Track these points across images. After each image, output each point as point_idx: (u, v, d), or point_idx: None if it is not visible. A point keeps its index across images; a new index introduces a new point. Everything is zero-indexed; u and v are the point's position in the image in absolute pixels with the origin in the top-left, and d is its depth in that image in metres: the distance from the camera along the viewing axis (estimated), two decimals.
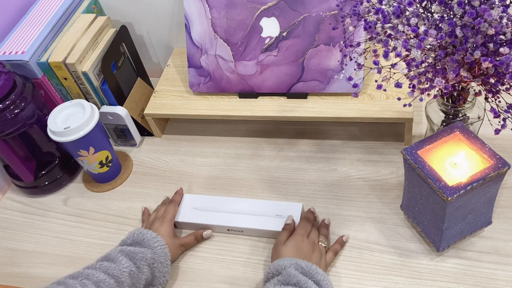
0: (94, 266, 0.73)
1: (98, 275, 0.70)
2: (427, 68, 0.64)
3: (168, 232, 0.82)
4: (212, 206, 0.87)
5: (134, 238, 0.79)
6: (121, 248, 0.76)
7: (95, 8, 1.05)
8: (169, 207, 0.86)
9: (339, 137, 0.97)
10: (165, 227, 0.82)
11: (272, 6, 0.92)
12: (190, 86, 1.01)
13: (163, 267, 0.77)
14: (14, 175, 0.99)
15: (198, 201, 0.88)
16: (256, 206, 0.85)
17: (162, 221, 0.83)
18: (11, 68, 0.92)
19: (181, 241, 0.83)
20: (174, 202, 0.87)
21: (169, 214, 0.85)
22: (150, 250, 0.77)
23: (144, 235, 0.78)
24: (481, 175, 0.65)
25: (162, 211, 0.86)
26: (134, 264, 0.74)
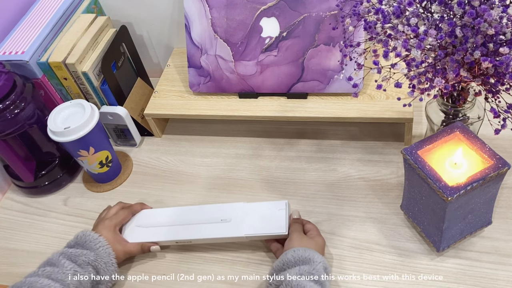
0: (36, 273, 0.72)
1: (42, 281, 0.70)
2: (427, 68, 0.64)
3: (112, 236, 0.80)
4: (156, 221, 0.85)
5: (77, 240, 0.78)
6: (62, 251, 0.76)
7: (95, 8, 1.05)
8: (121, 212, 0.84)
9: (339, 137, 0.97)
10: (109, 231, 0.80)
11: (272, 6, 0.92)
12: (190, 86, 1.01)
13: (108, 266, 0.77)
14: (14, 175, 0.99)
15: (141, 218, 0.86)
16: (202, 214, 0.83)
17: (108, 224, 0.81)
18: (11, 68, 0.92)
19: (125, 248, 0.81)
20: (129, 209, 0.85)
21: (118, 218, 0.83)
22: (92, 252, 0.76)
23: (87, 237, 0.78)
24: (481, 175, 0.65)
25: (112, 213, 0.84)
26: (78, 266, 0.74)
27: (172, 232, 0.82)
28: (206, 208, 0.84)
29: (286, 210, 0.79)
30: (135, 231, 0.84)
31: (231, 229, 0.80)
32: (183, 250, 0.84)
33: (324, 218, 0.84)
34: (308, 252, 0.70)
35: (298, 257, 0.70)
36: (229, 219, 0.80)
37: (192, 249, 0.84)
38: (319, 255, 0.71)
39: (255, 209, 0.81)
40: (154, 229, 0.84)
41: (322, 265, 0.70)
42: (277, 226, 0.78)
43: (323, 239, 0.77)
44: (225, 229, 0.80)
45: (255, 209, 0.81)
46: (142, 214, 0.86)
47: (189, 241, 0.82)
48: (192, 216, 0.83)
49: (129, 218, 0.85)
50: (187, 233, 0.82)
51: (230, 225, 0.80)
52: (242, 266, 0.80)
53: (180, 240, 0.82)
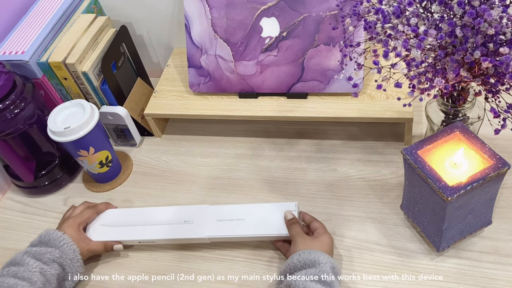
0: (1, 273, 0.73)
1: (8, 281, 0.70)
2: (427, 68, 0.64)
3: (76, 234, 0.81)
4: (120, 220, 0.86)
5: (41, 239, 0.79)
6: (26, 250, 0.77)
7: (95, 8, 1.05)
8: (85, 211, 0.85)
9: (339, 137, 0.97)
10: (73, 229, 0.81)
11: (272, 6, 0.92)
12: (190, 86, 1.01)
13: (74, 262, 0.78)
14: (14, 175, 0.99)
15: (106, 217, 0.87)
16: (163, 215, 0.85)
17: (72, 222, 0.82)
18: (11, 68, 0.92)
19: (89, 246, 0.82)
20: (94, 208, 0.86)
21: (82, 217, 0.84)
22: (57, 249, 0.77)
23: (50, 235, 0.78)
24: (481, 175, 0.65)
25: (78, 212, 0.85)
26: (43, 263, 0.74)
27: (135, 232, 0.84)
28: (172, 209, 0.85)
29: (297, 211, 0.80)
30: (99, 230, 0.85)
31: (192, 230, 0.81)
32: (183, 250, 0.84)
33: (324, 218, 0.84)
34: (314, 254, 0.69)
35: (303, 260, 0.69)
36: (192, 221, 0.82)
37: (192, 249, 0.84)
38: (325, 255, 0.70)
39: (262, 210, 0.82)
40: (118, 229, 0.85)
41: (329, 265, 0.68)
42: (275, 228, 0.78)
43: (329, 237, 0.75)
44: (187, 230, 0.81)
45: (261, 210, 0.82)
46: (107, 213, 0.88)
47: (152, 241, 0.83)
48: (155, 217, 0.85)
49: (93, 217, 0.86)
50: (150, 233, 0.83)
51: (193, 226, 0.82)
52: (242, 266, 0.80)
53: (142, 240, 0.83)
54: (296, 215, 0.79)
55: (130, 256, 0.86)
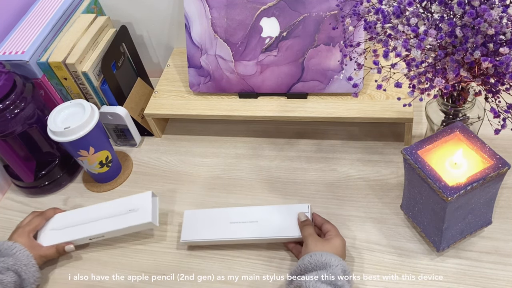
0: None
1: None
2: (427, 68, 0.64)
3: (27, 242, 0.81)
4: (69, 222, 0.87)
5: None
6: None
7: (95, 8, 1.05)
8: (34, 219, 0.86)
9: (339, 137, 0.97)
10: (23, 238, 0.82)
11: (272, 6, 0.92)
12: (190, 86, 1.01)
13: (29, 268, 0.78)
14: (14, 175, 0.99)
15: (55, 222, 0.88)
16: (110, 208, 0.86)
17: (22, 231, 0.83)
18: (11, 68, 0.92)
19: (41, 252, 0.82)
20: (43, 215, 0.87)
21: (31, 225, 0.84)
22: (10, 257, 0.77)
23: (1, 246, 0.79)
24: (481, 175, 0.65)
25: (26, 221, 0.86)
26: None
27: (84, 230, 0.85)
28: (113, 202, 0.87)
29: (309, 213, 0.80)
30: (49, 235, 0.86)
31: (136, 218, 0.83)
32: (183, 250, 0.84)
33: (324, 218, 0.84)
34: (325, 256, 0.69)
35: (314, 262, 0.69)
36: (136, 209, 0.83)
37: (192, 249, 0.84)
38: (337, 257, 0.69)
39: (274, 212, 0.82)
40: (68, 230, 0.86)
41: (340, 268, 0.68)
42: None
43: (341, 239, 0.75)
44: (134, 218, 0.83)
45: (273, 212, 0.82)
46: (56, 218, 0.88)
47: (101, 235, 0.84)
48: (102, 211, 0.86)
49: (42, 223, 0.87)
50: (98, 228, 0.84)
51: (137, 214, 0.83)
52: (242, 266, 0.80)
53: (92, 235, 0.84)
54: (309, 216, 0.79)
55: (130, 256, 0.86)
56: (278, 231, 0.79)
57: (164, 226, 0.89)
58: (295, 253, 0.78)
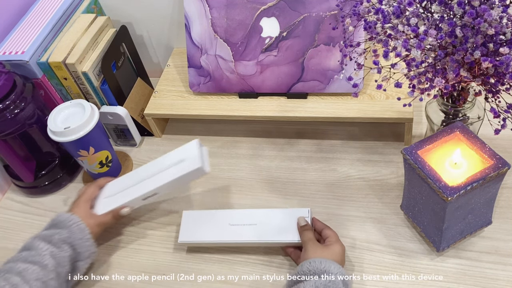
0: (13, 258, 0.74)
1: (19, 266, 0.71)
2: (427, 68, 0.64)
3: (83, 212, 0.81)
4: (120, 186, 0.87)
5: (52, 222, 0.80)
6: (36, 235, 0.77)
7: (95, 8, 1.05)
8: (87, 188, 0.86)
9: (339, 137, 0.97)
10: (80, 208, 0.82)
11: (272, 6, 0.92)
12: (190, 86, 1.01)
13: (84, 241, 0.78)
14: (14, 175, 0.99)
15: (107, 190, 0.88)
16: (158, 165, 0.84)
17: (78, 202, 0.83)
18: (11, 68, 0.92)
19: (97, 221, 0.82)
20: (95, 183, 0.87)
21: (86, 195, 0.84)
22: (65, 230, 0.77)
23: (59, 217, 0.79)
24: (481, 175, 0.65)
25: (80, 193, 0.86)
26: (53, 246, 0.75)
27: (136, 190, 0.83)
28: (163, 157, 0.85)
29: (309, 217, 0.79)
30: (103, 203, 0.85)
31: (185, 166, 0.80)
32: (183, 250, 0.84)
33: (324, 218, 0.84)
34: (324, 263, 0.68)
35: (313, 269, 0.68)
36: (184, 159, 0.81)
37: (192, 249, 0.84)
38: (336, 264, 0.68)
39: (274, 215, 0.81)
40: (120, 195, 0.85)
41: (340, 275, 0.67)
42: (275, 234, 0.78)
43: (341, 246, 0.74)
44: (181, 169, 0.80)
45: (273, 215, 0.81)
46: (107, 186, 0.88)
47: (153, 192, 0.82)
48: (151, 170, 0.84)
49: (96, 192, 0.86)
50: (148, 186, 0.82)
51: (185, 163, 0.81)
52: (242, 266, 0.80)
53: (144, 194, 0.82)
54: (309, 221, 0.78)
55: (130, 256, 0.86)
56: (277, 235, 0.78)
57: (164, 226, 0.89)
58: (294, 258, 0.78)
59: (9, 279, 0.68)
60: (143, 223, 0.90)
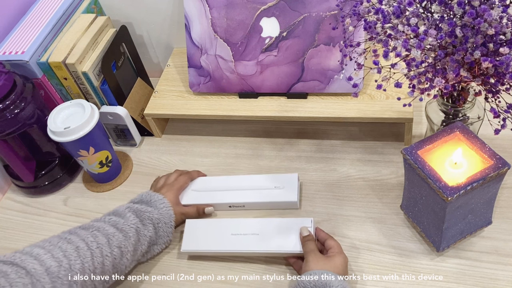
0: (103, 219, 0.77)
1: (108, 228, 0.74)
2: (427, 68, 0.64)
3: (174, 198, 0.84)
4: (211, 186, 0.89)
5: (142, 198, 0.82)
6: (128, 205, 0.80)
7: (95, 8, 1.05)
8: (181, 177, 0.88)
9: (339, 137, 0.97)
10: (172, 194, 0.85)
11: (272, 6, 0.92)
12: (190, 86, 1.01)
13: (168, 227, 0.81)
14: (14, 175, 0.99)
15: (196, 183, 0.91)
16: (253, 181, 0.88)
17: (171, 187, 0.86)
18: (11, 68, 0.92)
19: (183, 210, 0.85)
20: (189, 175, 0.90)
21: (179, 183, 0.87)
22: (156, 210, 0.80)
23: (152, 197, 0.82)
24: (481, 175, 0.65)
25: (173, 179, 0.88)
26: (140, 222, 0.77)
27: (226, 196, 0.87)
28: (258, 176, 0.89)
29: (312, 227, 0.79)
30: (191, 195, 0.88)
31: (282, 195, 0.85)
32: None
33: (324, 218, 0.84)
34: (325, 275, 0.67)
35: (314, 281, 0.67)
36: (282, 187, 0.85)
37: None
38: (337, 277, 0.67)
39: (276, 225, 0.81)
40: (210, 193, 0.88)
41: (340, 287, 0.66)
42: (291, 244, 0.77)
43: (343, 257, 0.72)
44: (279, 195, 0.85)
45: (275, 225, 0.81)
46: (198, 180, 0.91)
47: (242, 204, 0.86)
48: (245, 183, 0.88)
49: (188, 183, 0.89)
50: (242, 197, 0.86)
51: (283, 191, 0.85)
52: (242, 266, 0.80)
53: (233, 203, 0.87)
54: (312, 231, 0.78)
55: None
56: (279, 245, 0.77)
57: None
58: (296, 268, 0.77)
59: (97, 237, 0.72)
60: None
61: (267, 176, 0.88)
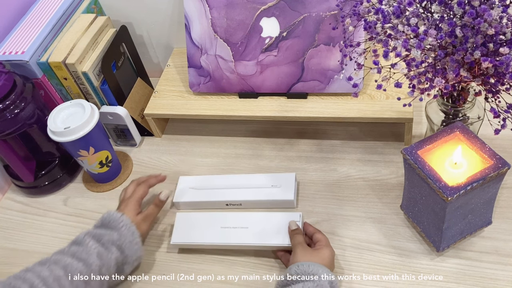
0: (63, 251, 0.75)
1: (65, 260, 0.72)
2: (427, 68, 0.64)
3: (133, 211, 0.81)
4: (208, 184, 0.89)
5: (102, 220, 0.80)
6: (88, 231, 0.78)
7: (95, 8, 1.05)
8: (139, 187, 0.85)
9: (339, 137, 0.97)
10: (130, 206, 0.82)
11: (272, 6, 0.92)
12: (190, 86, 1.01)
13: (133, 244, 0.78)
14: (14, 175, 0.99)
15: (194, 182, 0.91)
16: (251, 180, 0.89)
17: (129, 201, 0.83)
18: (11, 68, 0.92)
19: (143, 214, 0.82)
20: (146, 183, 0.87)
21: (137, 193, 0.84)
22: (116, 231, 0.77)
23: (111, 217, 0.79)
24: (481, 175, 0.65)
25: (130, 192, 0.85)
26: (101, 246, 0.75)
27: (225, 194, 0.87)
28: (256, 175, 0.90)
29: (301, 221, 0.80)
30: (188, 193, 0.89)
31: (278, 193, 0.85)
32: (184, 250, 0.84)
33: (324, 218, 0.84)
34: (312, 267, 0.68)
35: (301, 272, 0.68)
36: (279, 186, 0.86)
37: (192, 249, 0.84)
38: (325, 269, 0.68)
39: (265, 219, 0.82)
40: (205, 191, 0.89)
41: (328, 280, 0.67)
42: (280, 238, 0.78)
43: (330, 250, 0.74)
44: (275, 194, 0.85)
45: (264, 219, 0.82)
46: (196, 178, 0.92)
47: (239, 203, 0.87)
48: (242, 181, 0.89)
49: (147, 192, 0.86)
50: (237, 195, 0.87)
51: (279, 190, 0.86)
52: (242, 266, 0.80)
53: (230, 201, 0.87)
54: (300, 225, 0.79)
55: None
56: (267, 238, 0.79)
57: (164, 226, 0.89)
58: (284, 261, 0.78)
59: (54, 271, 0.70)
60: None
61: (264, 175, 0.89)
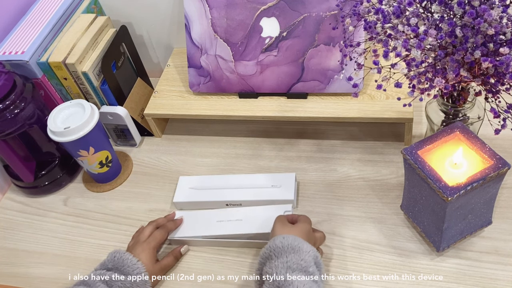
0: None
1: None
2: (427, 68, 0.64)
3: (150, 258, 0.78)
4: (208, 184, 0.90)
5: (114, 262, 0.76)
6: (100, 272, 0.74)
7: (95, 8, 1.05)
8: (157, 233, 0.82)
9: (339, 137, 0.97)
10: (148, 253, 0.79)
11: (272, 6, 0.92)
12: (190, 86, 1.01)
13: None
14: (14, 175, 0.99)
15: (194, 182, 0.91)
16: (251, 180, 0.89)
17: (146, 247, 0.79)
18: (11, 68, 0.92)
19: (161, 265, 0.80)
20: (165, 229, 0.83)
21: (155, 240, 0.81)
22: (128, 278, 0.75)
23: (125, 261, 0.76)
24: (481, 175, 0.65)
25: (147, 234, 0.82)
26: None
27: (225, 194, 0.87)
28: (256, 175, 0.90)
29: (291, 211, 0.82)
30: (188, 193, 0.90)
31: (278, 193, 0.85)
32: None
33: (324, 218, 0.84)
34: (298, 241, 0.69)
35: (287, 244, 0.68)
36: (279, 186, 0.86)
37: (192, 249, 0.84)
38: (308, 245, 0.69)
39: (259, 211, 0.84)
40: (206, 192, 0.89)
41: (312, 254, 0.67)
42: None
43: (308, 225, 0.74)
44: (275, 194, 0.85)
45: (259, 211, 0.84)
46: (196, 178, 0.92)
47: (239, 202, 0.86)
48: (242, 181, 0.89)
49: (165, 237, 0.83)
50: (237, 195, 0.87)
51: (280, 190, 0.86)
52: (242, 266, 0.80)
53: (231, 201, 0.86)
54: None
55: None
56: (259, 227, 0.80)
57: None
58: None
59: None
60: (142, 223, 0.90)
61: (264, 175, 0.89)
